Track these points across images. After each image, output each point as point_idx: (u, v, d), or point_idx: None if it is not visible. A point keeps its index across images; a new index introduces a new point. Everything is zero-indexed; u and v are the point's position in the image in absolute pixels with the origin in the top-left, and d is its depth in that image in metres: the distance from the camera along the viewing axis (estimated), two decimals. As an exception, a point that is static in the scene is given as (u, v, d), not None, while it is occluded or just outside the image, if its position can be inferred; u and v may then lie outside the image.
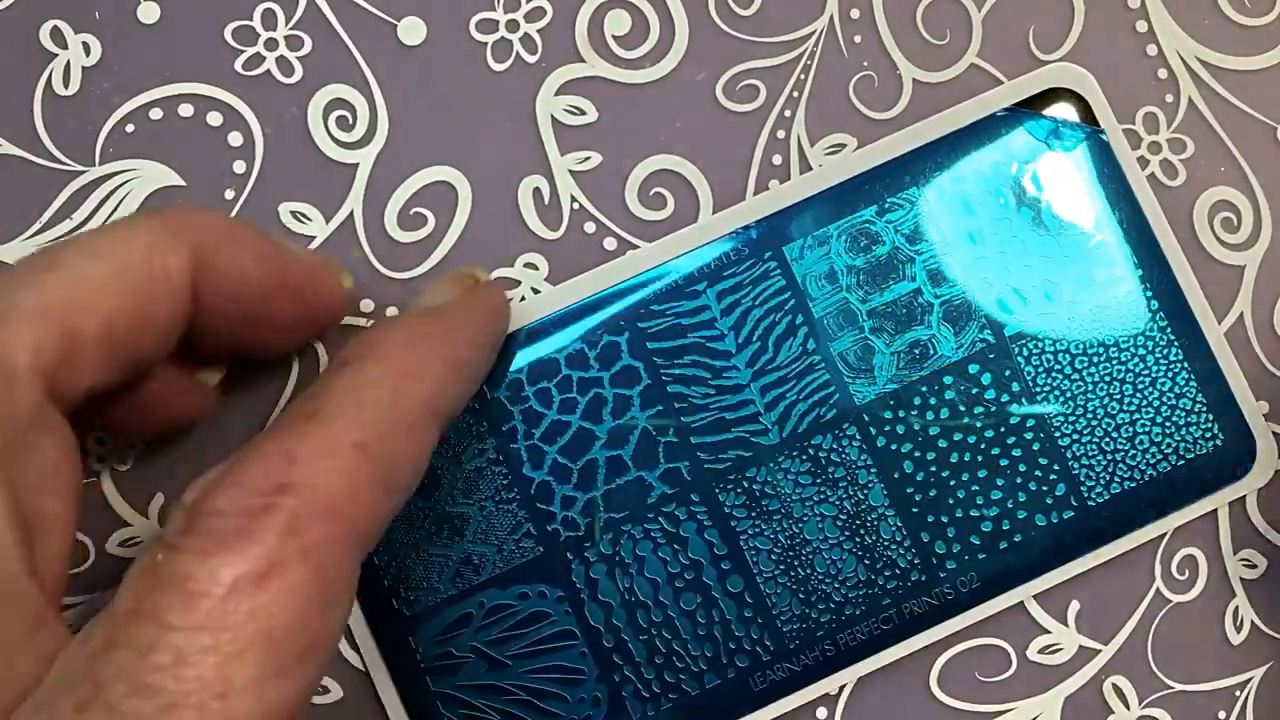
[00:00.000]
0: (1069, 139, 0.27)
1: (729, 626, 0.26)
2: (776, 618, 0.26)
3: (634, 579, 0.26)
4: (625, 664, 0.26)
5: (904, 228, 0.27)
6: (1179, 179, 0.28)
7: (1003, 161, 0.27)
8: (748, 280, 0.27)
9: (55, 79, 0.27)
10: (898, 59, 0.28)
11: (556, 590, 0.26)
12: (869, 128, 0.28)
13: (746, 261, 0.27)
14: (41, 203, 0.27)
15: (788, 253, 0.27)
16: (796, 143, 0.28)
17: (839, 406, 0.27)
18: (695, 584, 0.26)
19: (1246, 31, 0.28)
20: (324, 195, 0.27)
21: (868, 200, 0.27)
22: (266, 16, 0.27)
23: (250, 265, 0.22)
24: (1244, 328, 0.28)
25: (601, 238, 0.27)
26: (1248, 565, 0.28)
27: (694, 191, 0.27)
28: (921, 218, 0.27)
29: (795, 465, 0.27)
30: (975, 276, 0.27)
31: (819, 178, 0.27)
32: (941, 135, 0.27)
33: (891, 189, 0.27)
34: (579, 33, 0.27)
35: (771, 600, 0.26)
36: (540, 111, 0.27)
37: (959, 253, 0.27)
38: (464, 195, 0.27)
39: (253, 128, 0.27)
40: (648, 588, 0.26)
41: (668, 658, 0.26)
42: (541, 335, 0.27)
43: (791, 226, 0.27)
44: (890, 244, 0.27)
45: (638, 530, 0.26)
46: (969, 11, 0.28)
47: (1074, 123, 0.27)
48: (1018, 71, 0.28)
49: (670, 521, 0.26)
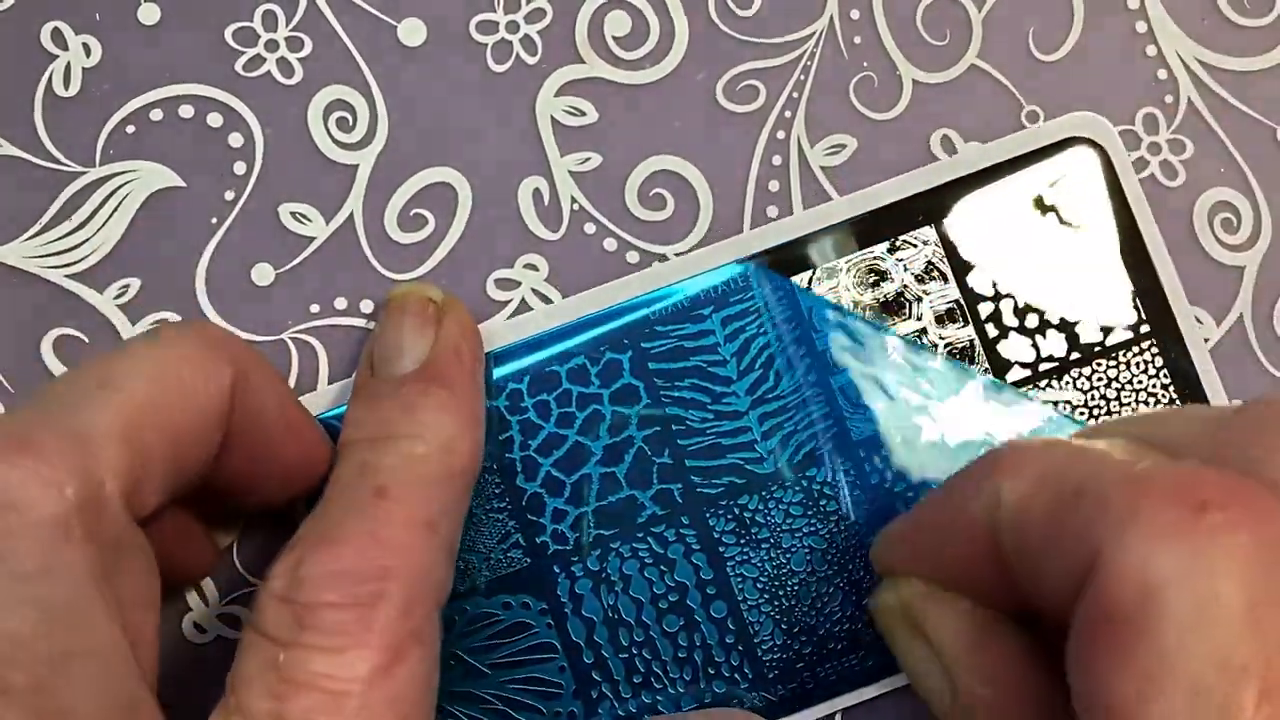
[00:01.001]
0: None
1: (709, 651, 0.26)
2: (758, 646, 0.26)
3: (619, 597, 0.26)
4: (603, 681, 0.26)
5: (914, 267, 0.27)
6: (1178, 180, 0.28)
7: (1024, 193, 0.27)
8: (754, 308, 0.27)
9: (56, 80, 0.27)
10: (898, 59, 0.28)
11: (540, 603, 0.26)
12: (869, 128, 0.28)
13: (754, 289, 0.27)
14: (42, 204, 0.27)
15: (796, 283, 0.27)
16: (796, 143, 0.28)
17: (836, 440, 0.27)
18: (679, 606, 0.26)
19: (1246, 32, 0.28)
20: (324, 196, 0.27)
21: (879, 236, 0.27)
22: (267, 18, 0.27)
23: (272, 391, 0.23)
24: (1244, 328, 0.28)
25: (601, 238, 0.27)
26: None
27: (694, 192, 0.28)
28: (931, 258, 0.27)
29: (788, 496, 0.26)
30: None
31: (834, 209, 0.27)
32: (960, 175, 0.27)
33: (903, 226, 0.27)
34: (579, 34, 0.28)
35: (754, 628, 0.26)
36: (540, 112, 0.27)
37: (965, 295, 0.27)
38: (464, 196, 0.27)
39: (253, 129, 0.27)
40: (631, 607, 0.26)
41: (646, 678, 0.26)
42: (544, 347, 0.26)
43: (801, 257, 0.27)
44: (899, 282, 0.27)
45: (626, 549, 0.26)
46: (969, 12, 0.28)
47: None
48: (1018, 72, 0.28)
49: (659, 542, 0.26)
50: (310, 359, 0.27)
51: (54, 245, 0.27)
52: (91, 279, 0.27)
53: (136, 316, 0.27)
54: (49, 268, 0.27)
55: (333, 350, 0.27)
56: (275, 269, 0.27)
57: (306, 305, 0.27)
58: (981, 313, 0.27)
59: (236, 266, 0.27)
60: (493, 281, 0.27)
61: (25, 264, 0.27)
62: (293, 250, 0.27)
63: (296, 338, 0.27)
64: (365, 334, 0.27)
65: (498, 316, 0.27)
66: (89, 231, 0.27)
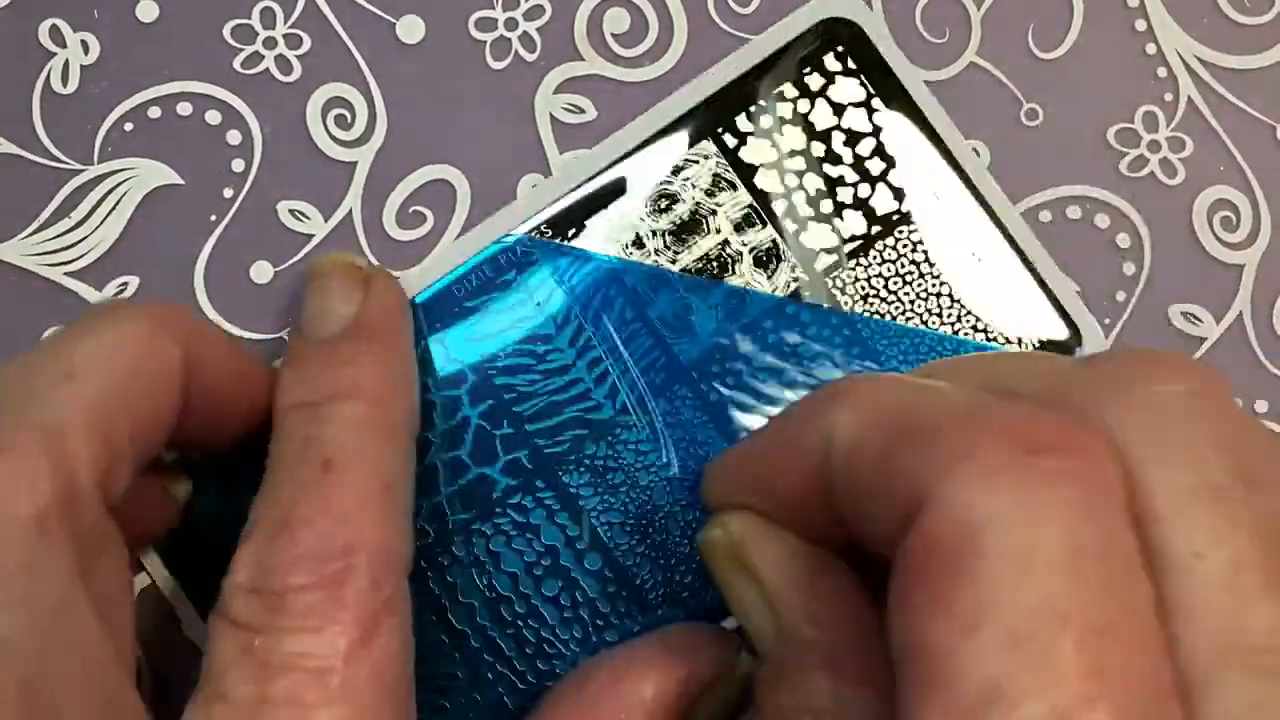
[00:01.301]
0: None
1: (594, 605, 0.26)
2: (640, 587, 0.26)
3: (492, 575, 0.26)
4: (496, 660, 0.26)
5: (701, 182, 0.27)
6: (1178, 178, 0.28)
7: (788, 85, 0.27)
8: (556, 264, 0.27)
9: (54, 77, 0.27)
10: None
11: (415, 600, 0.26)
12: (868, 126, 0.28)
13: (553, 242, 0.27)
14: (40, 201, 0.27)
15: (590, 225, 0.27)
16: (795, 141, 0.28)
17: (667, 369, 0.27)
18: (554, 569, 0.26)
19: (1245, 30, 0.28)
20: (322, 193, 0.27)
21: (662, 161, 0.27)
22: (265, 15, 0.27)
23: (222, 355, 0.23)
24: (1243, 327, 0.28)
25: (600, 236, 0.27)
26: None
27: (693, 190, 0.28)
28: (716, 170, 0.27)
29: (633, 435, 0.26)
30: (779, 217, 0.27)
31: (613, 146, 0.27)
32: (720, 87, 0.27)
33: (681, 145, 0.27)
34: (578, 31, 0.27)
35: (633, 571, 0.26)
36: (539, 109, 0.27)
37: (757, 198, 0.27)
38: (462, 193, 0.27)
39: (251, 126, 0.27)
40: (507, 581, 0.26)
41: (539, 647, 0.26)
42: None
43: (589, 197, 0.27)
44: (690, 201, 0.27)
45: (488, 527, 0.26)
46: (969, 11, 0.28)
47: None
48: (1018, 72, 0.28)
49: (519, 512, 0.26)
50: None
51: (52, 243, 0.27)
52: (90, 277, 0.27)
53: (135, 314, 0.27)
54: (47, 265, 0.27)
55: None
56: (274, 266, 0.27)
57: (305, 303, 0.27)
58: (777, 210, 0.27)
59: (235, 264, 0.27)
60: (491, 279, 0.27)
61: (23, 261, 0.27)
62: (291, 248, 0.27)
63: (295, 335, 0.27)
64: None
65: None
66: (87, 229, 0.27)
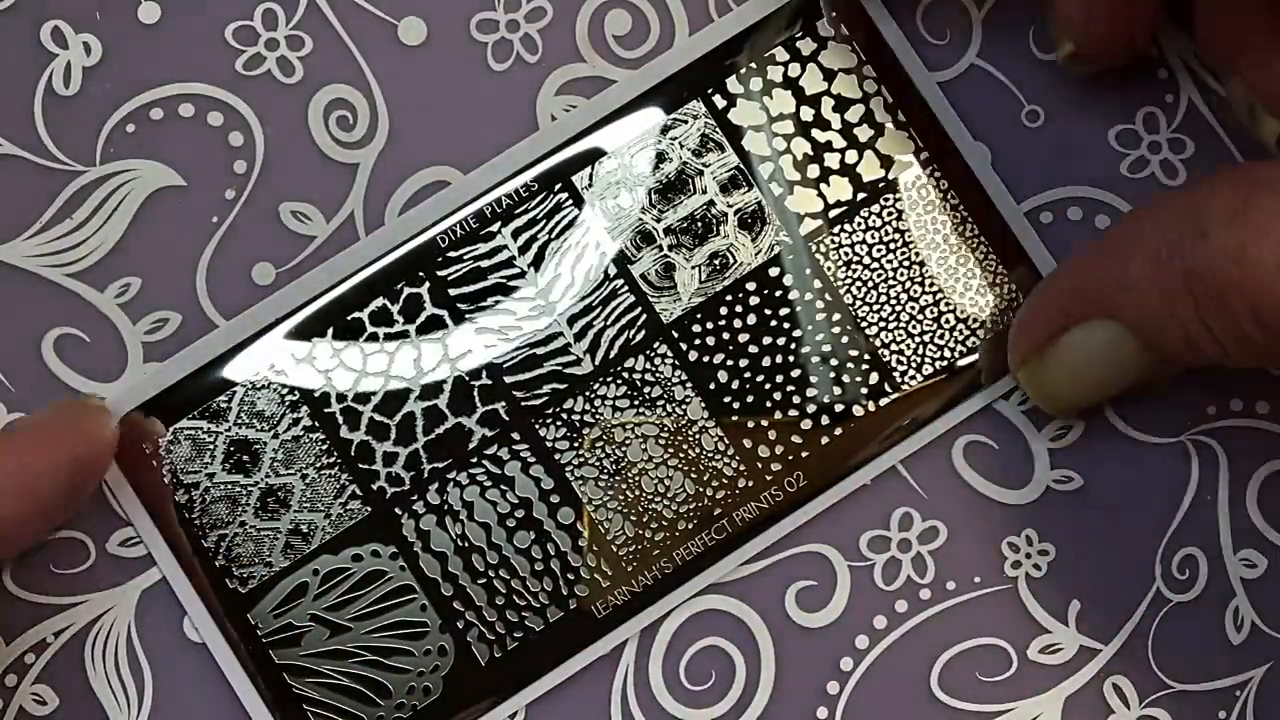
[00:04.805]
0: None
1: (565, 558, 0.26)
2: (611, 543, 0.27)
3: (465, 525, 0.26)
4: (467, 610, 0.26)
5: (689, 142, 0.27)
6: (1179, 179, 0.28)
7: (779, 48, 0.27)
8: (541, 214, 0.27)
9: (56, 79, 0.27)
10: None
11: (389, 547, 0.26)
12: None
13: (537, 196, 0.27)
14: (42, 203, 0.27)
15: (577, 182, 0.27)
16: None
17: (647, 327, 0.27)
18: (527, 521, 0.27)
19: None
20: (325, 195, 0.27)
21: (648, 121, 0.27)
22: (267, 16, 0.27)
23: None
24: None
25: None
26: (1248, 565, 0.28)
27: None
28: (704, 130, 0.27)
29: (611, 390, 0.27)
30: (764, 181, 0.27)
31: (600, 104, 0.27)
32: (712, 48, 0.27)
33: (671, 106, 0.27)
34: (579, 33, 0.28)
35: (604, 526, 0.27)
36: (541, 111, 0.27)
37: (744, 160, 0.27)
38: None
39: (253, 128, 0.27)
40: (480, 532, 0.26)
41: (508, 598, 0.26)
42: (335, 294, 0.26)
43: (577, 156, 0.27)
44: (678, 160, 0.27)
45: (463, 476, 0.26)
46: (969, 11, 0.28)
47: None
48: (1017, 71, 0.28)
49: (494, 463, 0.26)
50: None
51: (54, 244, 0.27)
52: (92, 278, 0.27)
53: (137, 315, 0.27)
54: (49, 267, 0.27)
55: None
56: (276, 268, 0.27)
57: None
58: (763, 173, 0.27)
59: (237, 265, 0.27)
60: (493, 280, 0.27)
61: (26, 263, 0.27)
62: (293, 249, 0.27)
63: (297, 337, 0.27)
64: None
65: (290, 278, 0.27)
66: (89, 230, 0.27)
